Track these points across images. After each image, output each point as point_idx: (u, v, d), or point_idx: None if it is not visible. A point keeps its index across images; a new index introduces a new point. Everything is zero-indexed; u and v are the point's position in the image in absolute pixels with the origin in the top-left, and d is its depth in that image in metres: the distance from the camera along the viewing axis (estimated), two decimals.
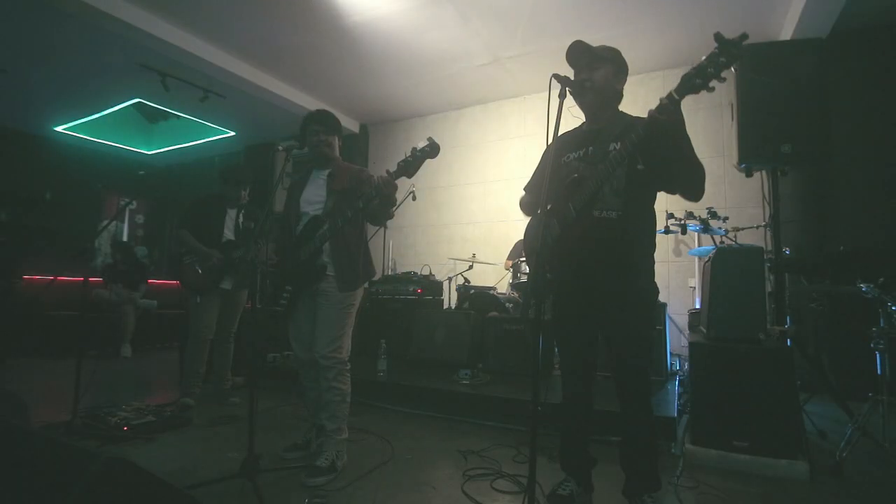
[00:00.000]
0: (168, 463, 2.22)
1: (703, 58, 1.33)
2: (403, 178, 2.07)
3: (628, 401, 1.72)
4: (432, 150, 2.02)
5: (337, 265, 2.22)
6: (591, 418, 1.86)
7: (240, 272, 3.23)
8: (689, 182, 1.64)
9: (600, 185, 1.61)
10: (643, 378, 1.73)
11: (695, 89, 1.37)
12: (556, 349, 3.35)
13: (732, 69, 2.57)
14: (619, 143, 1.61)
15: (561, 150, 1.81)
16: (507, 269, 4.81)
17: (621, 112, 1.80)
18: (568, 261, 1.70)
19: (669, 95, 1.42)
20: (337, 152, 2.40)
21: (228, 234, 3.33)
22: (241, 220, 3.40)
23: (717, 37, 1.31)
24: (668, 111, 1.43)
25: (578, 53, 1.75)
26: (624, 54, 1.79)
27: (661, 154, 1.57)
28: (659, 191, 1.73)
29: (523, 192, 2.04)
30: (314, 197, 2.32)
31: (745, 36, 1.28)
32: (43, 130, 6.62)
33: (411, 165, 2.04)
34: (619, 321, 1.70)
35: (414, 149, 2.03)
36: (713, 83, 1.33)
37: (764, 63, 2.51)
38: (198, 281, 3.17)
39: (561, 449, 1.88)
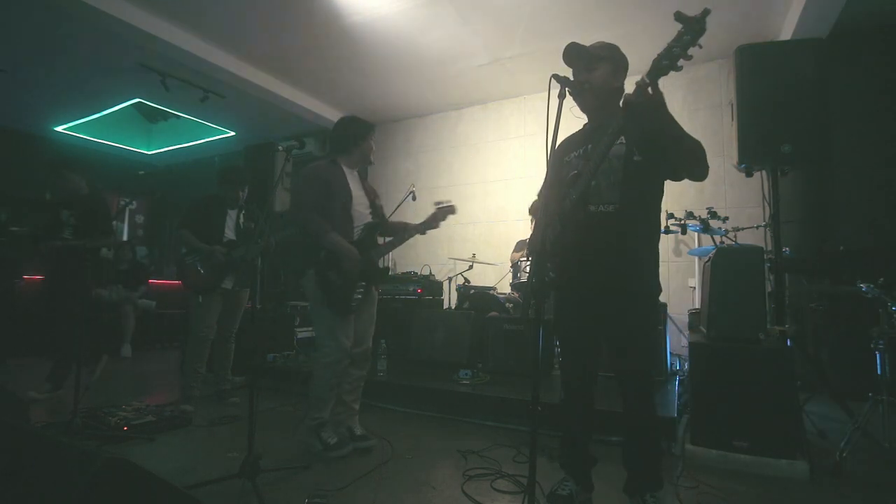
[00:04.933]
0: (168, 463, 2.23)
1: (671, 39, 1.33)
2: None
3: (630, 399, 1.71)
4: (452, 209, 2.59)
5: None
6: (591, 418, 1.86)
7: (241, 271, 3.23)
8: (688, 160, 1.56)
9: (592, 177, 1.60)
10: (644, 375, 1.72)
11: (663, 70, 1.35)
12: (557, 348, 3.37)
13: (731, 70, 2.60)
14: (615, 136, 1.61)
15: (564, 151, 1.83)
16: (511, 264, 4.85)
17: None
18: (568, 257, 1.70)
19: (641, 79, 1.41)
20: None
21: (229, 233, 3.33)
22: (241, 219, 3.40)
23: (678, 15, 1.29)
24: (641, 92, 1.41)
25: (574, 56, 1.74)
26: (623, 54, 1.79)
27: (651, 138, 1.55)
28: (664, 180, 1.70)
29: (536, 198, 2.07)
30: (362, 201, 2.50)
31: (707, 11, 1.26)
32: (43, 130, 6.61)
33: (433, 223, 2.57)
34: (620, 316, 1.69)
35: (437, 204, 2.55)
36: (681, 62, 1.32)
37: (764, 63, 2.52)
38: (200, 281, 3.17)
39: (561, 448, 1.88)
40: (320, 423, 2.33)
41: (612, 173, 1.65)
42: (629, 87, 1.78)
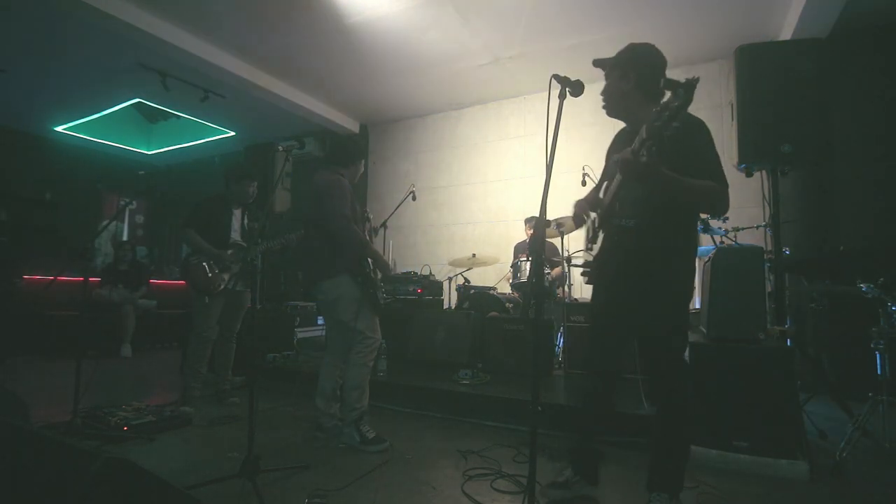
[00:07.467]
0: (168, 463, 2.23)
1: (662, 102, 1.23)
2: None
3: (657, 405, 1.72)
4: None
5: None
6: (601, 417, 1.89)
7: (243, 271, 3.23)
8: (701, 205, 1.66)
9: (615, 192, 1.62)
10: (668, 384, 1.68)
11: (656, 132, 1.30)
12: (557, 348, 3.37)
13: (731, 70, 2.60)
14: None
15: (614, 146, 1.85)
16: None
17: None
18: (600, 267, 1.74)
19: (631, 149, 1.42)
20: None
21: (234, 234, 3.33)
22: (245, 220, 3.40)
23: (667, 83, 1.20)
24: (632, 159, 1.42)
25: (601, 68, 1.77)
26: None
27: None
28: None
29: None
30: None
31: (696, 80, 1.15)
32: (43, 130, 6.62)
33: None
34: (646, 331, 1.69)
35: None
36: (676, 124, 1.23)
37: (764, 63, 2.52)
38: (206, 282, 3.17)
39: (574, 441, 1.92)
40: (361, 412, 2.42)
41: (637, 187, 1.59)
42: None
